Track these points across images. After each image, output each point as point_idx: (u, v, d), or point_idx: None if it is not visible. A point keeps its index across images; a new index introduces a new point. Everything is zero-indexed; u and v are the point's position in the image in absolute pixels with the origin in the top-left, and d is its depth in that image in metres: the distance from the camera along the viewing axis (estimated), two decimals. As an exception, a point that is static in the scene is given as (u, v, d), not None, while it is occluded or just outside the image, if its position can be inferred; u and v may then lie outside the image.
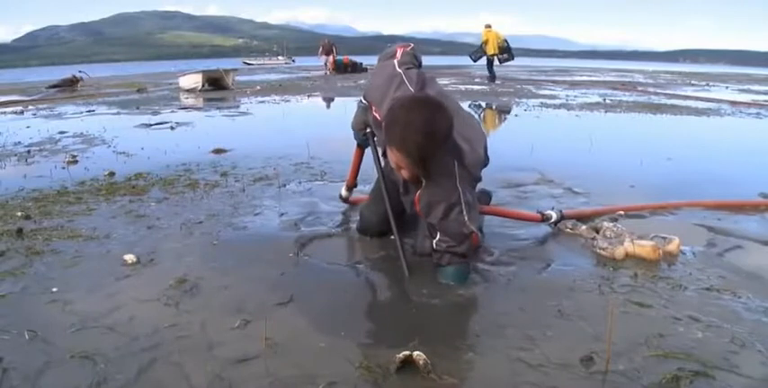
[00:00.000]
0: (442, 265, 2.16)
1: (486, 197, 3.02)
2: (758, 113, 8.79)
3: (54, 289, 2.12)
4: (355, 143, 2.89)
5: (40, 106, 10.68)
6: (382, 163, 2.53)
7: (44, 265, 2.38)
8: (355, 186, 3.15)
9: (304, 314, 1.91)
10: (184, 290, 2.11)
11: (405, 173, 2.06)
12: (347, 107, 9.90)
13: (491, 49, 15.02)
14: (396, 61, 2.35)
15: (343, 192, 3.18)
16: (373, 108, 2.36)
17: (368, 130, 2.58)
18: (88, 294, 2.08)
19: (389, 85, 2.26)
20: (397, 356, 1.56)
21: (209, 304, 2.00)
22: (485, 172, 2.39)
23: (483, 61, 15.58)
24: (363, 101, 2.53)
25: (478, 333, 1.80)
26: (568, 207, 3.12)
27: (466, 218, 2.07)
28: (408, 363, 1.55)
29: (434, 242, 2.14)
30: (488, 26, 15.05)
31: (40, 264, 2.39)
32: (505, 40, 15.13)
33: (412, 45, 2.51)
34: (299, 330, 1.80)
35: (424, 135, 1.87)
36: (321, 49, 22.97)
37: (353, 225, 2.84)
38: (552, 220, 2.79)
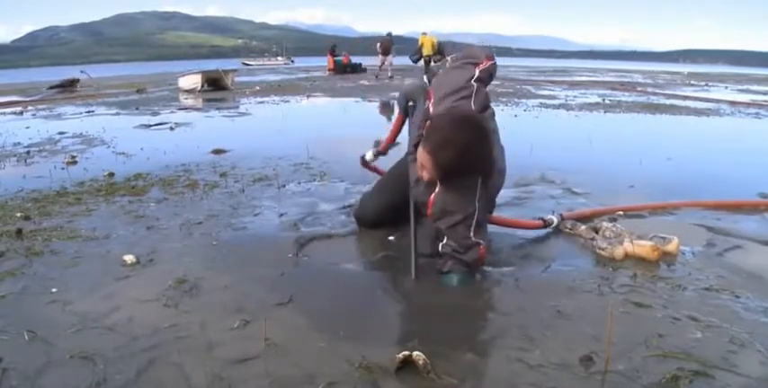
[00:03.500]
0: (444, 271, 2.18)
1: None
2: (757, 113, 8.80)
3: (53, 290, 2.12)
4: (399, 109, 2.78)
5: (40, 107, 10.69)
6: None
7: (44, 265, 2.38)
8: (384, 154, 3.03)
9: (303, 315, 1.91)
10: (184, 290, 2.11)
11: (424, 175, 2.09)
12: (347, 108, 9.93)
13: (427, 51, 17.59)
14: (477, 71, 2.35)
15: (369, 155, 3.06)
16: (431, 96, 2.35)
17: (410, 104, 2.59)
18: (88, 294, 2.08)
19: (457, 90, 2.27)
20: (397, 356, 1.56)
21: (209, 304, 2.00)
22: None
23: (422, 62, 18.07)
24: (426, 81, 2.55)
25: (478, 333, 1.80)
26: (568, 208, 3.12)
27: (472, 234, 2.11)
28: (408, 363, 1.55)
29: (441, 244, 2.17)
30: (424, 33, 18.00)
31: (39, 264, 2.38)
32: (439, 44, 17.73)
33: (495, 61, 2.48)
34: (298, 331, 1.80)
35: (460, 155, 1.92)
36: (380, 48, 19.28)
37: (353, 226, 2.84)
38: (554, 225, 2.79)
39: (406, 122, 2.72)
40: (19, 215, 3.08)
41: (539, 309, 1.95)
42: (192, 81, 14.17)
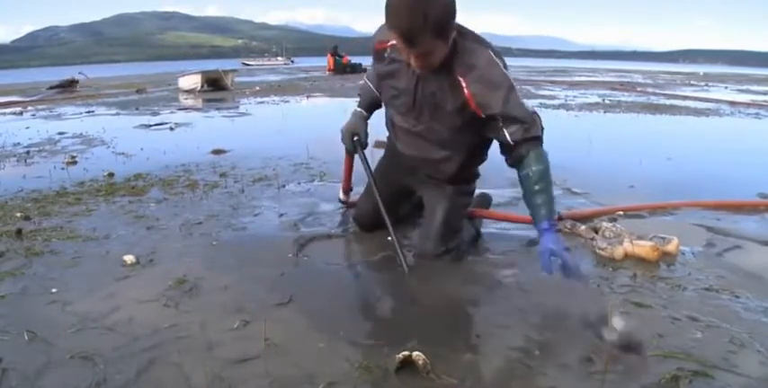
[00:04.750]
0: (523, 156, 2.08)
1: (485, 200, 3.02)
2: (757, 113, 8.80)
3: (53, 290, 2.12)
4: (346, 150, 2.78)
5: (40, 107, 10.68)
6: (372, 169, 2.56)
7: (43, 266, 2.37)
8: (351, 189, 3.12)
9: (303, 315, 1.92)
10: (184, 291, 2.11)
11: (413, 62, 1.96)
12: (347, 108, 9.85)
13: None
14: None
15: (342, 196, 3.15)
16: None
17: (355, 139, 2.57)
18: (88, 294, 2.08)
19: None
20: (397, 356, 1.56)
21: (209, 304, 2.00)
22: (485, 172, 2.41)
23: None
24: (367, 81, 2.57)
25: (478, 333, 1.80)
26: (567, 207, 3.12)
27: (522, 100, 2.06)
28: (408, 363, 1.55)
29: (507, 135, 2.06)
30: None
31: (39, 265, 2.38)
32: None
33: None
34: (298, 331, 1.80)
35: (410, 11, 1.79)
36: None
37: (353, 226, 2.84)
38: None
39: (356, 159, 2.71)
40: (19, 215, 3.08)
41: (538, 309, 1.96)
42: (191, 81, 14.16)
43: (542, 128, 2.13)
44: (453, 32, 1.94)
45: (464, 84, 2.02)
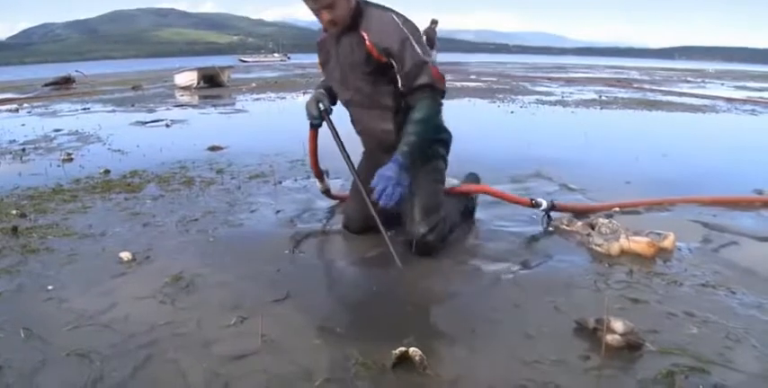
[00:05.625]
0: (413, 104, 2.31)
1: (474, 177, 3.03)
2: (753, 110, 8.81)
3: (49, 287, 2.12)
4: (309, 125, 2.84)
5: (36, 104, 10.66)
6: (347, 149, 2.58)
7: (39, 263, 2.37)
8: (325, 174, 3.08)
9: (300, 311, 1.92)
10: (180, 287, 2.11)
11: (323, 16, 2.28)
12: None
13: None
14: None
15: (319, 185, 3.11)
16: None
17: (322, 108, 2.58)
18: (84, 291, 2.08)
19: None
20: (393, 352, 1.56)
21: (206, 301, 2.00)
22: (482, 168, 2.41)
23: None
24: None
25: (474, 329, 1.80)
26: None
27: (419, 50, 2.26)
28: (404, 359, 1.55)
29: (402, 86, 2.32)
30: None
31: (35, 262, 2.38)
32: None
33: None
34: (295, 327, 1.81)
35: None
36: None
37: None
38: (542, 207, 2.81)
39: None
40: (15, 212, 3.07)
41: (535, 305, 1.96)
42: (187, 78, 14.14)
43: (443, 81, 2.35)
44: None
45: (366, 37, 2.29)
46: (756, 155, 4.93)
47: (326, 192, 3.15)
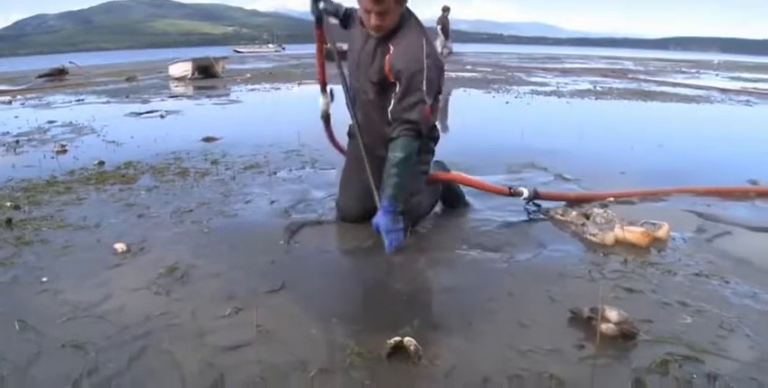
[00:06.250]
0: (394, 138, 2.31)
1: (440, 166, 2.98)
2: (747, 100, 8.82)
3: (44, 279, 2.11)
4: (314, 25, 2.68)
5: (29, 96, 10.57)
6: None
7: (34, 255, 2.36)
8: (329, 92, 2.89)
9: (295, 301, 1.92)
10: (175, 278, 2.11)
11: (372, 19, 2.27)
12: (338, 94, 9.81)
13: None
14: None
15: (321, 102, 2.89)
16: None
17: (321, 7, 2.57)
18: (78, 283, 2.08)
19: None
20: (388, 342, 1.56)
21: (200, 291, 2.00)
22: (477, 158, 2.40)
23: None
24: None
25: (469, 319, 1.80)
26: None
27: (424, 88, 2.26)
28: (399, 349, 1.56)
29: (391, 111, 2.34)
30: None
31: (29, 254, 2.37)
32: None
33: None
34: (290, 317, 1.81)
35: None
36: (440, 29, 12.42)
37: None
38: (524, 196, 2.82)
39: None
40: (9, 204, 3.06)
41: (530, 295, 1.97)
42: (182, 68, 14.05)
43: (429, 123, 2.41)
44: (407, 2, 2.34)
45: (390, 51, 2.33)
46: (751, 146, 4.95)
47: (326, 118, 2.94)
